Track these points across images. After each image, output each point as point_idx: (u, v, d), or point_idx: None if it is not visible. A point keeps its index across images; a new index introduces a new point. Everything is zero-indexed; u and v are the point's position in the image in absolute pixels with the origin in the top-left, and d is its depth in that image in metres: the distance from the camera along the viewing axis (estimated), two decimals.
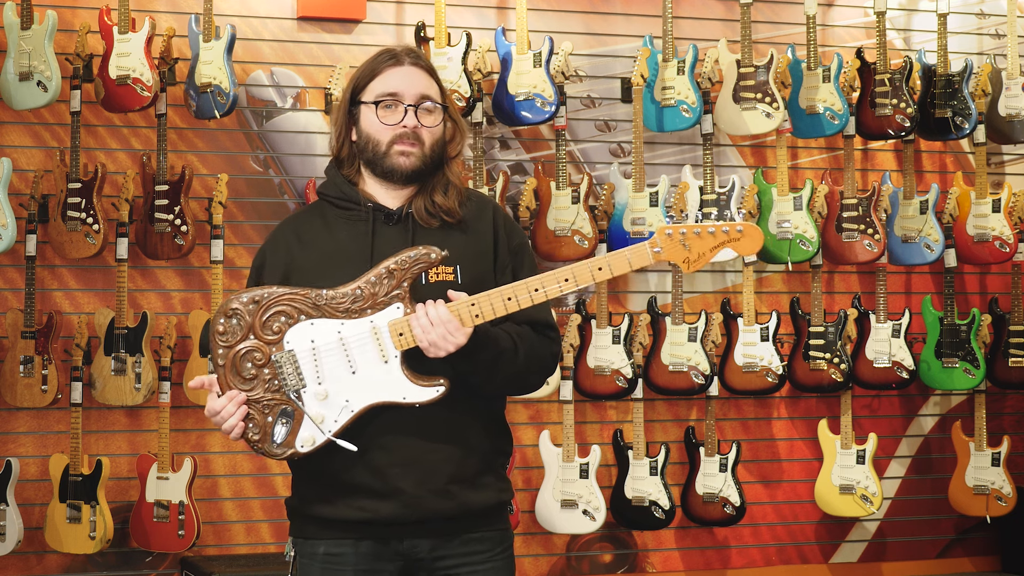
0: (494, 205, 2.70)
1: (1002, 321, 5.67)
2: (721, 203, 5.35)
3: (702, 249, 2.46)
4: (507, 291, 2.46)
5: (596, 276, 2.45)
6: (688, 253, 2.46)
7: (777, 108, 5.34)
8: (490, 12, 5.51)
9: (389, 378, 2.46)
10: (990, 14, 6.09)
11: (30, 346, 4.85)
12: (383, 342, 2.46)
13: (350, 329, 2.47)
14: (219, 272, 4.96)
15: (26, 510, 4.89)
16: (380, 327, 2.46)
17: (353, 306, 2.47)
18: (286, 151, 5.29)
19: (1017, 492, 5.64)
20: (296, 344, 2.47)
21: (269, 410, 2.49)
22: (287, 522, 2.69)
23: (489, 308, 2.45)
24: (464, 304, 2.45)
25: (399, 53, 2.62)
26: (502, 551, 2.61)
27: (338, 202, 2.64)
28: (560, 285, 2.46)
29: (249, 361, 2.48)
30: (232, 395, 2.48)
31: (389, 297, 2.46)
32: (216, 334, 2.49)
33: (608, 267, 2.45)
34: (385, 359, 2.46)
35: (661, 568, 5.62)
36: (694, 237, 2.46)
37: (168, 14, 5.17)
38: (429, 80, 2.62)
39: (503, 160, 5.49)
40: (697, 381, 5.30)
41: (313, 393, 2.47)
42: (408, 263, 2.46)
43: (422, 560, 2.55)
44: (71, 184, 4.91)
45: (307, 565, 2.59)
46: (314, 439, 2.48)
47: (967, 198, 5.65)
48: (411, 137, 2.57)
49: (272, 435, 2.49)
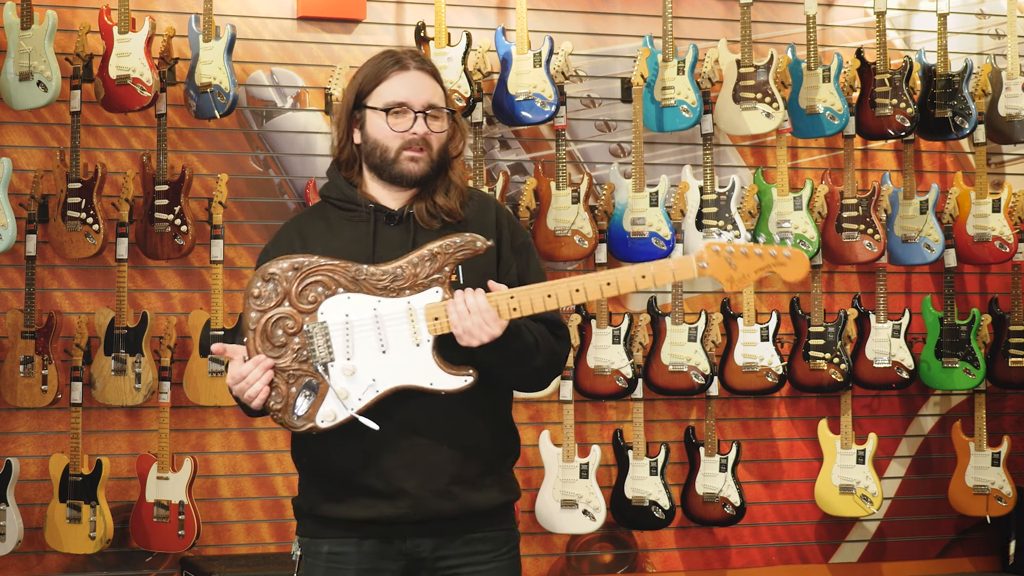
0: (496, 204, 2.70)
1: (1002, 321, 5.67)
2: (721, 203, 5.35)
3: (747, 270, 2.44)
4: (548, 288, 2.45)
5: (639, 284, 2.45)
6: (733, 272, 2.44)
7: (777, 108, 5.34)
8: (490, 12, 5.51)
9: (419, 362, 2.44)
10: (990, 14, 6.08)
11: (30, 346, 4.85)
12: (417, 324, 2.44)
13: (386, 307, 2.45)
14: (219, 272, 4.96)
15: (26, 510, 4.89)
16: (416, 309, 2.44)
17: (392, 284, 2.45)
18: (286, 151, 5.29)
19: (1017, 492, 5.65)
20: (330, 316, 2.45)
21: (294, 380, 2.46)
22: (287, 522, 2.70)
23: (528, 303, 2.44)
24: (504, 296, 2.44)
25: (404, 57, 2.61)
26: (506, 551, 2.61)
27: (340, 203, 2.65)
28: (601, 288, 2.45)
29: (281, 328, 2.45)
30: (259, 359, 2.46)
31: (429, 280, 2.45)
32: (251, 297, 2.47)
33: (651, 277, 2.44)
34: (417, 342, 2.44)
35: (661, 568, 5.62)
36: (741, 256, 2.44)
37: (168, 14, 5.17)
38: (435, 85, 2.62)
39: (503, 160, 5.49)
40: (697, 381, 5.30)
41: (340, 368, 2.45)
42: (453, 248, 2.44)
43: (424, 560, 2.55)
44: (71, 184, 4.91)
45: (312, 564, 2.60)
46: (335, 414, 2.45)
47: (967, 198, 5.65)
48: (420, 143, 2.57)
49: (294, 406, 2.46)
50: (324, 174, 5.39)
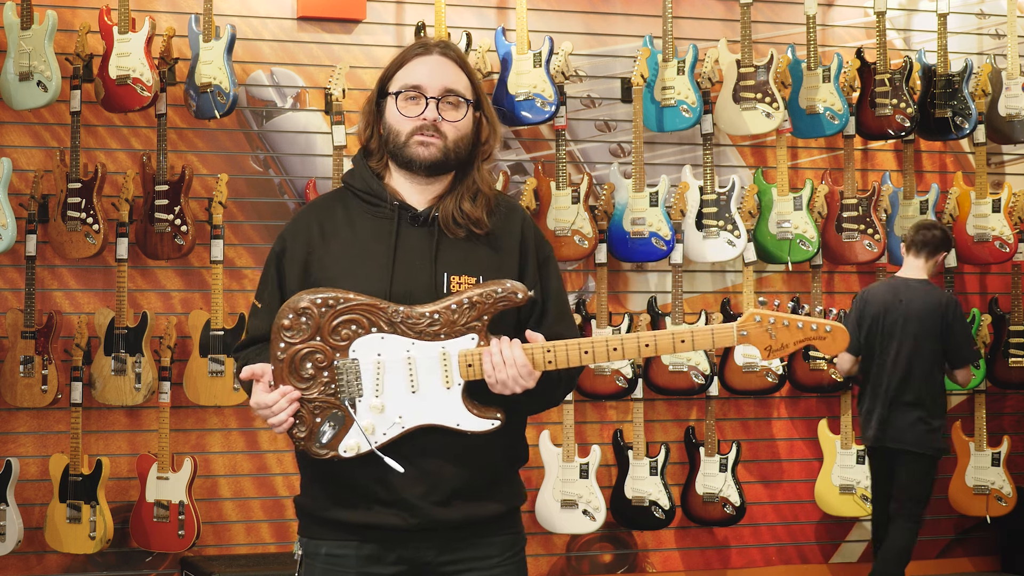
0: (523, 214, 2.65)
1: (1002, 321, 5.67)
2: (721, 203, 5.35)
3: (786, 340, 2.45)
4: (586, 344, 2.44)
5: (678, 348, 2.45)
6: (772, 342, 2.45)
7: (777, 108, 5.34)
8: (490, 12, 5.51)
9: (448, 403, 2.44)
10: (990, 14, 6.09)
11: (30, 346, 4.85)
12: (450, 369, 2.43)
13: (420, 350, 2.43)
14: (219, 272, 4.96)
15: (26, 510, 4.89)
16: (450, 354, 2.43)
17: (428, 329, 2.43)
18: (286, 151, 5.29)
19: (1017, 492, 5.65)
20: (362, 355, 2.44)
21: (320, 412, 2.45)
22: (287, 522, 2.69)
23: (564, 358, 2.44)
24: (540, 349, 2.43)
25: (430, 44, 2.57)
26: (512, 555, 2.58)
27: (363, 195, 2.58)
28: (639, 349, 2.45)
29: (310, 362, 2.44)
30: (286, 391, 2.43)
31: (466, 327, 2.43)
32: (281, 328, 2.44)
33: (691, 341, 2.45)
34: (448, 385, 2.44)
35: (661, 568, 5.62)
36: (782, 328, 2.45)
37: (168, 14, 5.17)
38: (457, 73, 2.55)
39: (503, 160, 5.49)
40: (697, 381, 5.30)
41: (368, 404, 2.44)
42: (493, 299, 2.43)
43: (429, 563, 2.53)
44: (71, 184, 4.91)
45: (311, 565, 2.58)
46: (359, 447, 2.44)
47: (967, 198, 5.65)
48: (431, 129, 2.51)
49: (319, 435, 2.45)
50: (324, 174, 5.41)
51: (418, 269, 2.49)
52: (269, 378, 2.46)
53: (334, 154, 5.05)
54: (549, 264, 2.62)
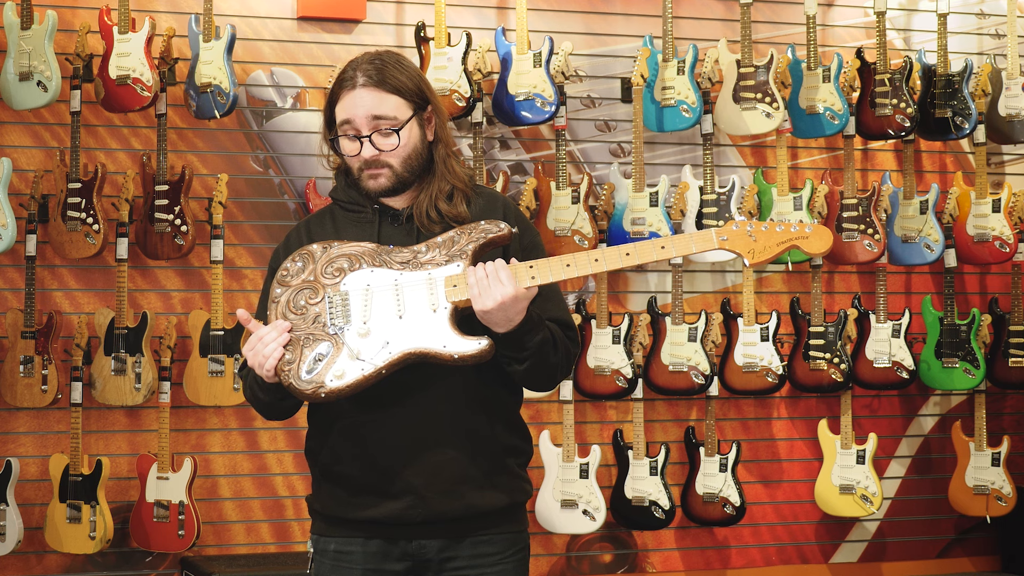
0: (505, 201, 2.68)
1: (1002, 321, 5.67)
2: (721, 203, 5.35)
3: (769, 243, 2.44)
4: (567, 258, 2.46)
5: (658, 254, 2.45)
6: (754, 244, 2.44)
7: (777, 108, 5.34)
8: (490, 12, 5.51)
9: (434, 327, 2.45)
10: (990, 14, 6.08)
11: (30, 346, 4.85)
12: (436, 291, 2.46)
13: (407, 277, 2.49)
14: (219, 272, 4.96)
15: (26, 510, 4.89)
16: (436, 278, 2.47)
17: (415, 259, 2.50)
18: (286, 151, 5.29)
19: (1017, 492, 5.64)
20: (352, 286, 2.50)
21: (308, 343, 2.49)
22: (287, 522, 2.72)
23: (547, 271, 2.45)
24: (523, 264, 2.46)
25: (355, 72, 2.57)
26: (513, 554, 2.59)
27: (347, 205, 2.66)
28: (621, 258, 2.45)
29: (303, 299, 2.51)
30: (277, 324, 2.49)
31: (451, 255, 2.48)
32: (280, 274, 2.53)
33: (671, 246, 2.45)
34: (434, 308, 2.46)
35: (661, 568, 5.62)
36: (762, 232, 2.45)
37: (168, 14, 5.17)
38: (381, 96, 2.56)
39: (503, 160, 5.49)
40: (697, 381, 5.30)
41: (356, 331, 2.47)
42: (477, 231, 2.49)
43: (430, 561, 2.55)
44: (71, 184, 4.91)
45: (320, 562, 2.62)
46: (344, 372, 2.45)
47: (967, 198, 5.65)
48: (374, 164, 2.57)
49: (304, 363, 2.47)
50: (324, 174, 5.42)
51: None
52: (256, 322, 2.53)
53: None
54: (535, 249, 2.64)
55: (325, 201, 5.08)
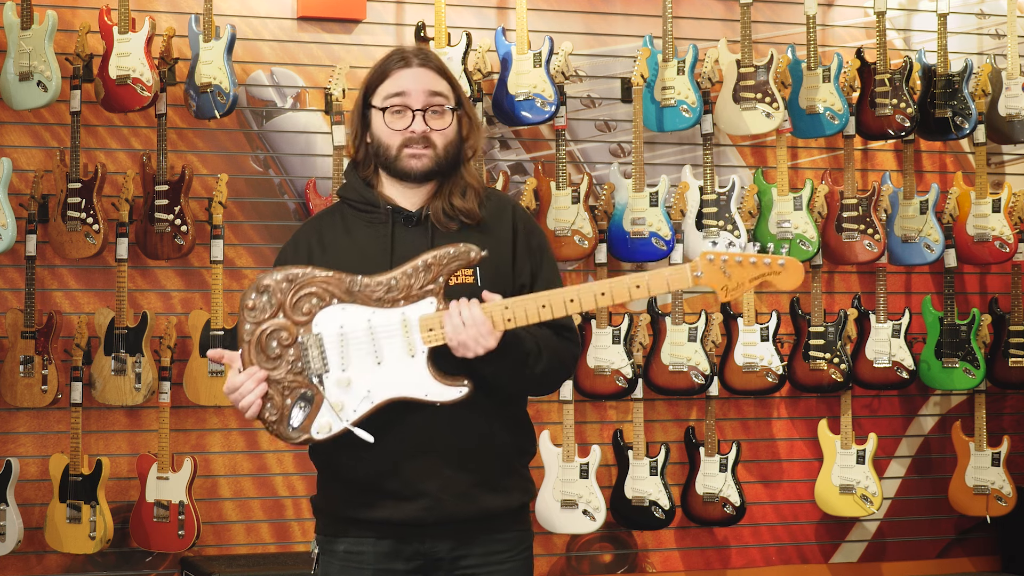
0: (513, 204, 2.68)
1: (1002, 321, 5.67)
2: (721, 203, 5.35)
3: (741, 279, 2.45)
4: (542, 298, 2.43)
5: (633, 294, 2.43)
6: (728, 281, 2.45)
7: (777, 108, 5.34)
8: (490, 12, 5.51)
9: (413, 373, 2.43)
10: (990, 14, 6.08)
11: (30, 346, 4.85)
12: (412, 335, 2.43)
13: (380, 318, 2.43)
14: (219, 272, 4.96)
15: (26, 510, 4.89)
16: (411, 320, 2.43)
17: (387, 296, 2.43)
18: (286, 151, 5.29)
19: (1017, 492, 5.64)
20: (324, 328, 2.44)
21: (289, 392, 2.45)
22: (287, 522, 2.71)
23: (523, 314, 2.42)
24: (498, 307, 2.42)
25: (408, 54, 2.60)
26: (520, 551, 2.61)
27: (358, 205, 2.63)
28: (596, 298, 2.43)
29: (275, 340, 2.44)
30: (252, 372, 2.44)
31: (423, 291, 2.43)
32: (245, 309, 2.46)
33: (646, 286, 2.43)
34: (412, 353, 2.43)
35: (661, 568, 5.62)
36: (735, 265, 2.45)
37: (168, 14, 5.17)
38: (438, 80, 2.59)
39: (503, 160, 5.49)
40: (697, 381, 5.30)
41: (335, 380, 2.44)
42: (447, 259, 2.43)
43: (442, 560, 2.55)
44: (71, 184, 4.91)
45: (328, 562, 2.61)
46: (331, 426, 2.44)
47: (967, 198, 5.65)
48: (421, 141, 2.55)
49: (289, 418, 2.45)
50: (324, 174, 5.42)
51: None
52: (239, 363, 2.48)
53: (334, 154, 5.05)
54: (544, 252, 2.65)
55: (325, 201, 5.08)
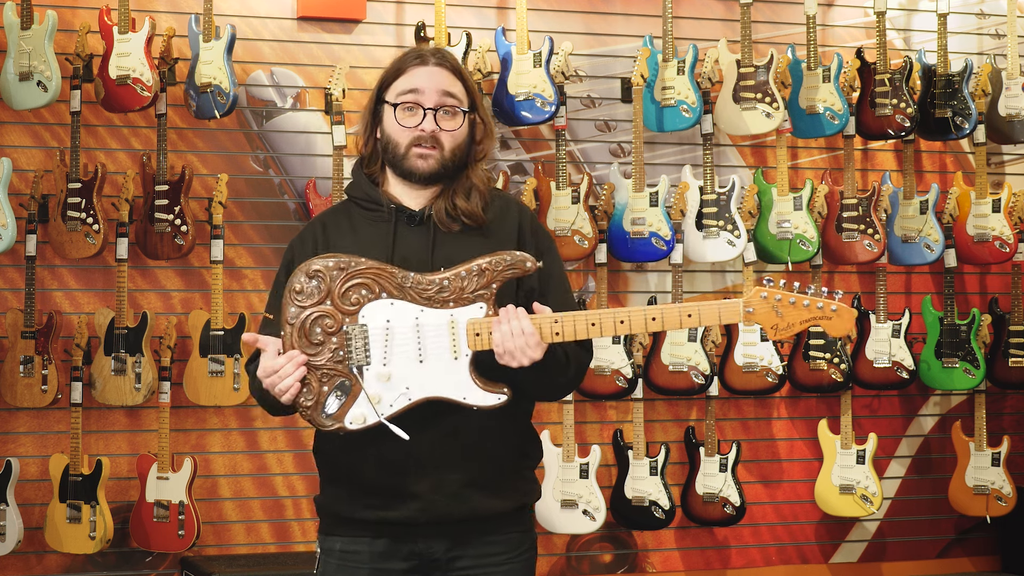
0: (519, 206, 2.68)
1: (1002, 321, 5.67)
2: (721, 203, 5.35)
3: (793, 320, 2.43)
4: (593, 316, 2.44)
5: (684, 323, 2.44)
6: (779, 321, 2.43)
7: (777, 108, 5.34)
8: (490, 12, 5.51)
9: (454, 375, 2.43)
10: (990, 14, 6.08)
11: (30, 346, 4.85)
12: (458, 338, 2.43)
13: (428, 317, 2.43)
14: (219, 272, 4.96)
15: (26, 510, 4.89)
16: (459, 322, 2.43)
17: (437, 295, 2.43)
18: (286, 151, 5.29)
19: (1017, 492, 5.64)
20: (371, 320, 2.44)
21: (327, 379, 2.44)
22: (287, 522, 2.72)
23: (572, 330, 2.43)
24: (548, 320, 2.43)
25: (426, 53, 2.61)
26: (519, 553, 2.60)
27: (362, 202, 2.63)
28: (647, 322, 2.44)
29: (319, 326, 2.44)
30: (293, 355, 2.44)
31: (475, 295, 2.43)
32: (292, 292, 2.45)
33: (698, 315, 2.44)
34: (456, 355, 2.43)
35: (661, 568, 5.62)
36: (788, 306, 2.43)
37: (168, 14, 5.17)
38: (454, 81, 2.60)
39: (503, 160, 5.49)
40: (697, 381, 5.30)
41: (376, 372, 2.43)
42: (502, 266, 2.44)
43: (438, 560, 2.55)
44: (71, 184, 4.91)
45: (326, 561, 2.62)
46: (365, 418, 2.43)
47: (967, 198, 5.65)
48: (429, 141, 2.55)
49: (325, 404, 2.44)
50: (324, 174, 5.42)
51: (415, 267, 2.53)
52: (277, 346, 2.47)
53: (334, 154, 5.05)
54: (551, 253, 2.65)
55: (325, 201, 5.08)
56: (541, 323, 2.42)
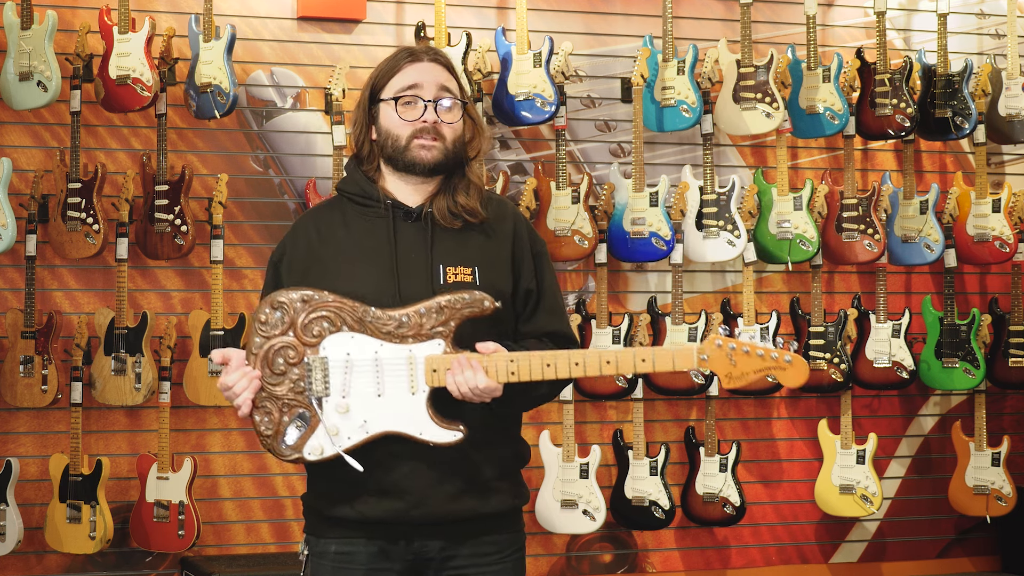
0: (514, 211, 2.71)
1: (1002, 321, 5.67)
2: (721, 203, 5.35)
3: (747, 369, 2.47)
4: (548, 357, 2.47)
5: (639, 367, 2.47)
6: (732, 369, 2.47)
7: (777, 108, 5.34)
8: (490, 12, 5.51)
9: (412, 410, 2.46)
10: (990, 14, 6.08)
11: (30, 346, 4.85)
12: (416, 373, 2.46)
13: (387, 352, 2.47)
14: (219, 272, 4.96)
15: (26, 510, 4.89)
16: (417, 358, 2.46)
17: (396, 331, 2.46)
18: (286, 151, 5.29)
19: (1017, 492, 5.64)
20: (331, 352, 2.47)
21: (287, 409, 2.48)
22: (287, 522, 2.72)
23: (527, 371, 2.46)
24: (503, 361, 2.45)
25: (418, 51, 2.65)
26: (511, 553, 2.62)
27: (357, 198, 2.64)
28: (601, 365, 2.47)
29: (282, 357, 2.48)
30: (246, 371, 2.49)
31: (433, 331, 2.46)
32: (258, 322, 2.49)
33: (651, 361, 2.47)
34: (413, 391, 2.47)
35: (661, 568, 5.62)
36: (743, 355, 2.47)
37: (168, 14, 5.17)
38: (448, 76, 2.63)
39: (503, 160, 5.49)
40: (697, 381, 5.30)
41: (335, 404, 2.47)
42: (461, 304, 2.46)
43: (431, 560, 2.56)
44: (71, 184, 4.91)
45: (318, 564, 2.60)
46: (323, 449, 2.47)
47: (967, 198, 5.65)
48: (431, 132, 2.58)
49: (284, 434, 2.48)
50: (324, 174, 5.42)
51: (414, 263, 2.55)
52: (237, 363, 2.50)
53: (334, 154, 5.05)
54: (543, 258, 2.67)
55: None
56: (497, 366, 2.45)
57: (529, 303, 2.62)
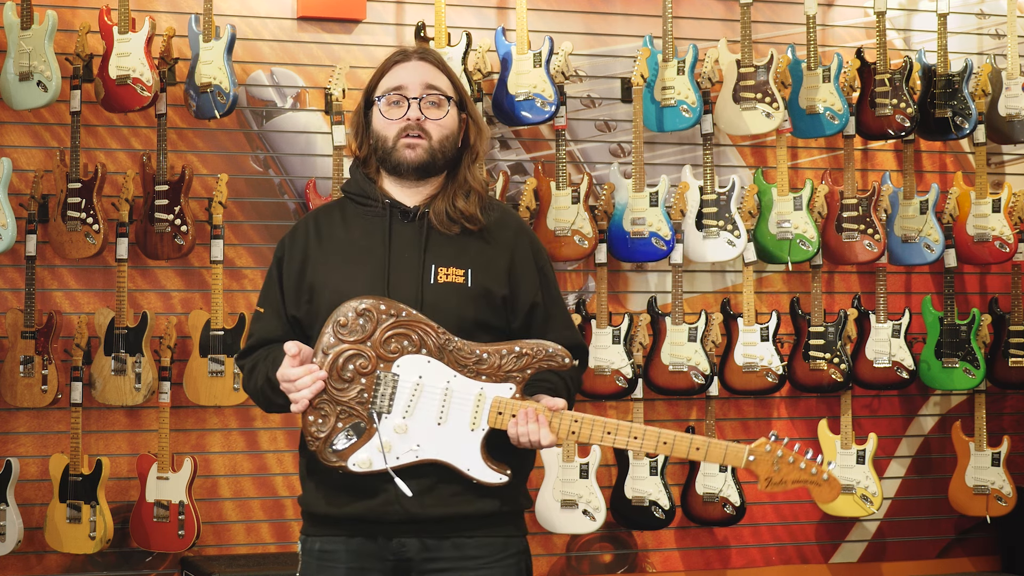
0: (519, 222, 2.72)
1: (1002, 321, 5.67)
2: (721, 203, 5.35)
3: (787, 477, 2.54)
4: (611, 426, 2.50)
5: (692, 455, 2.51)
6: (774, 475, 2.53)
7: (777, 108, 5.34)
8: (490, 12, 5.51)
9: (466, 446, 2.48)
10: (990, 14, 6.08)
11: (30, 346, 4.85)
12: (480, 411, 2.48)
13: (459, 384, 2.48)
14: (219, 272, 4.96)
15: (26, 510, 4.89)
16: (486, 397, 2.48)
17: (474, 366, 2.48)
18: (286, 151, 5.29)
19: (1017, 492, 5.64)
20: (404, 372, 2.48)
21: (345, 416, 2.48)
22: (287, 522, 2.73)
23: (588, 434, 2.51)
24: (567, 420, 2.50)
25: (408, 50, 2.66)
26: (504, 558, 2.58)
27: (357, 198, 2.66)
28: (657, 445, 2.52)
29: (353, 364, 2.47)
30: (312, 368, 2.47)
31: (508, 374, 2.49)
32: (337, 324, 2.48)
33: (705, 452, 2.52)
34: (473, 427, 2.49)
35: (661, 568, 5.62)
36: (787, 464, 2.53)
37: (168, 14, 5.17)
38: (438, 74, 2.63)
39: (503, 160, 5.49)
40: (697, 381, 5.30)
41: (393, 423, 2.47)
42: (541, 356, 2.49)
43: (411, 560, 2.55)
44: (71, 184, 4.91)
45: (307, 562, 2.63)
46: (371, 462, 2.47)
47: (967, 198, 5.65)
48: (416, 130, 2.58)
49: (334, 440, 2.48)
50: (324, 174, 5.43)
51: (406, 261, 2.56)
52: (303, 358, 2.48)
53: (334, 154, 5.05)
54: (548, 270, 2.70)
55: (325, 201, 5.07)
56: (561, 424, 2.50)
57: (537, 317, 2.64)
